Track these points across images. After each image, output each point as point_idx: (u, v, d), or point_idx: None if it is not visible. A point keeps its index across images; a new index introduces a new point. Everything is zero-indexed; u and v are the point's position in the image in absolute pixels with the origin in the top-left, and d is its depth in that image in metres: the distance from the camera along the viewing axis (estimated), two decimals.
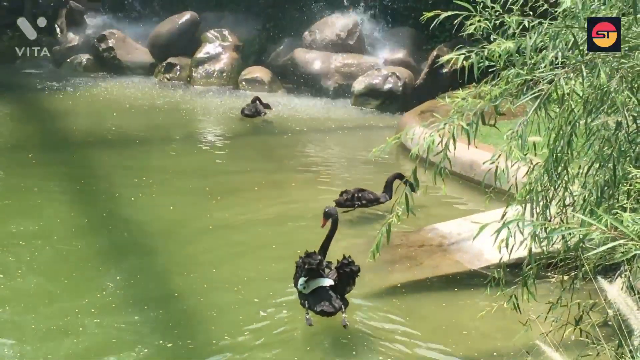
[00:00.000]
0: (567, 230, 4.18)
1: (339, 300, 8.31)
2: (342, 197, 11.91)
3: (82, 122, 17.49)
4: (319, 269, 8.36)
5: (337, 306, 8.25)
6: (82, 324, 8.37)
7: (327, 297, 8.28)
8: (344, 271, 8.41)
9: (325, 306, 8.23)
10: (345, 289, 8.48)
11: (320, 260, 8.39)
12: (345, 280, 8.43)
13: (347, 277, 8.44)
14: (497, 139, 10.31)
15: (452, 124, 4.97)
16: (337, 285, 8.39)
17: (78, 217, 11.46)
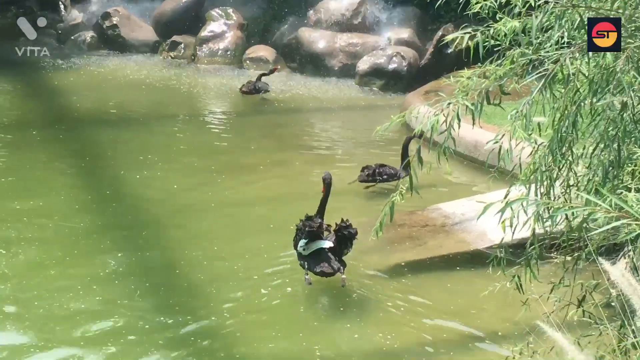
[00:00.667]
0: (571, 209, 4.18)
1: (337, 262, 8.63)
2: (363, 173, 12.05)
3: (86, 100, 17.47)
4: (319, 231, 8.68)
5: (335, 267, 8.59)
6: (83, 300, 8.40)
7: (326, 259, 8.62)
8: (342, 234, 8.73)
9: (325, 267, 8.58)
10: (343, 251, 8.80)
11: (320, 223, 8.70)
12: (343, 243, 8.76)
13: (345, 239, 8.76)
14: (501, 119, 10.29)
15: (457, 104, 4.96)
16: (336, 247, 8.72)
17: (81, 194, 11.47)
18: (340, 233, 8.77)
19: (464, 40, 5.25)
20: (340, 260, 8.73)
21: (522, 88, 5.31)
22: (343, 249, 8.82)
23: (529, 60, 5.06)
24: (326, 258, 8.65)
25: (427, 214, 10.33)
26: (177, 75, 20.18)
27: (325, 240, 8.71)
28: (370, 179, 11.99)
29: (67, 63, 20.75)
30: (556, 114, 5.25)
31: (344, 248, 8.82)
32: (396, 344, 7.89)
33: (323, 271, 8.60)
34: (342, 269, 8.68)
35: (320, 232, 8.71)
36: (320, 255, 8.68)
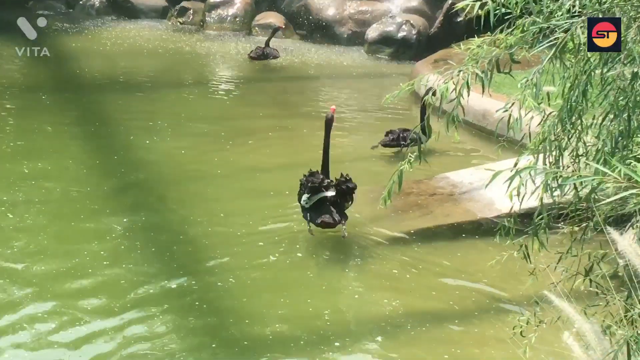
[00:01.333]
0: (580, 179, 4.17)
1: (338, 214, 9.12)
2: (387, 137, 12.17)
3: (95, 65, 17.47)
4: (321, 186, 9.13)
5: (337, 219, 9.09)
6: (90, 265, 8.42)
7: (327, 211, 9.11)
8: (341, 188, 9.17)
9: (326, 218, 9.06)
10: (344, 204, 9.25)
11: (322, 178, 9.18)
12: (343, 196, 9.21)
13: (344, 193, 9.20)
14: (510, 88, 10.27)
15: (467, 72, 4.93)
16: (337, 200, 9.16)
17: (89, 158, 11.50)
18: (339, 187, 9.17)
19: (475, 9, 5.21)
20: (341, 213, 9.18)
21: (532, 57, 5.28)
22: (344, 202, 9.24)
23: (540, 29, 5.03)
24: (327, 210, 9.11)
25: (435, 183, 10.33)
26: (185, 42, 20.15)
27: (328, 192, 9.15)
28: (394, 143, 12.07)
29: (75, 28, 20.72)
30: (566, 84, 5.22)
31: (344, 201, 9.24)
32: (402, 310, 7.92)
33: (324, 221, 9.05)
34: (343, 221, 9.13)
35: (322, 187, 9.13)
36: (322, 208, 9.12)
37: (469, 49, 5.13)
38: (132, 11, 22.24)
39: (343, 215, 9.22)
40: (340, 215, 9.17)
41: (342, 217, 9.18)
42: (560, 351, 4.52)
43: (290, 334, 7.49)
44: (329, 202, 9.15)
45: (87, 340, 7.15)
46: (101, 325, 7.37)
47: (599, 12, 4.70)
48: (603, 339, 3.99)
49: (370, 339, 7.49)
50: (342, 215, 9.19)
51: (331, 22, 20.48)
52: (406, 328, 7.65)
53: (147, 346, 7.12)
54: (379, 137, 12.33)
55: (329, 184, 9.19)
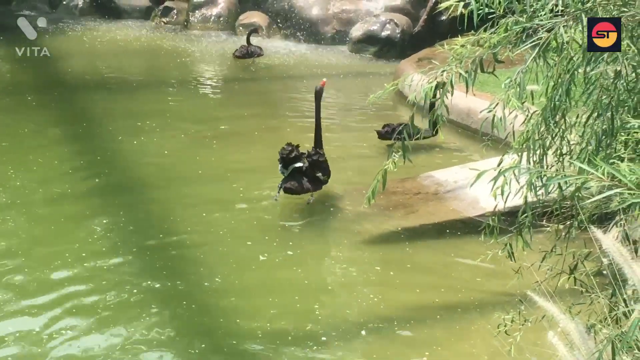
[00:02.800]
0: (564, 178, 4.18)
1: (307, 184, 10.03)
2: (383, 129, 12.25)
3: (80, 65, 17.42)
4: (289, 156, 10.03)
5: (305, 187, 10.03)
6: (72, 266, 8.41)
7: (297, 179, 10.04)
8: (311, 159, 10.08)
9: (291, 184, 10.00)
10: (316, 175, 10.11)
11: (290, 149, 10.07)
12: (315, 167, 10.13)
13: (315, 165, 10.10)
14: (494, 87, 10.30)
15: (450, 72, 4.94)
16: (307, 170, 10.04)
17: (74, 158, 11.48)
18: (310, 159, 10.11)
19: (458, 8, 5.22)
20: (314, 183, 10.10)
21: (516, 56, 5.29)
22: (316, 172, 10.11)
23: (523, 29, 5.03)
24: (297, 179, 10.04)
25: (419, 182, 10.35)
26: (170, 41, 20.10)
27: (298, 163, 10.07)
28: (389, 135, 12.11)
29: (59, 28, 20.65)
30: (550, 83, 5.23)
31: (317, 172, 10.12)
32: (387, 307, 7.96)
33: (287, 187, 10.00)
34: (312, 189, 10.08)
35: (290, 157, 10.05)
36: (294, 177, 10.05)
37: (453, 49, 5.14)
38: (116, 11, 22.17)
39: (315, 185, 10.12)
40: (312, 184, 10.06)
41: (314, 187, 10.09)
42: (545, 350, 4.53)
43: (279, 332, 7.52)
44: (301, 173, 10.04)
45: (72, 342, 7.14)
46: (86, 327, 7.36)
47: (581, 12, 4.71)
48: (587, 339, 4.00)
49: (357, 335, 7.53)
50: (314, 185, 10.09)
51: (315, 21, 20.47)
52: (391, 325, 7.68)
53: (134, 347, 7.11)
54: (364, 136, 12.36)
55: (298, 156, 10.09)
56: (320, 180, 10.21)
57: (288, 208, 10.00)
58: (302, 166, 10.07)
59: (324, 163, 10.26)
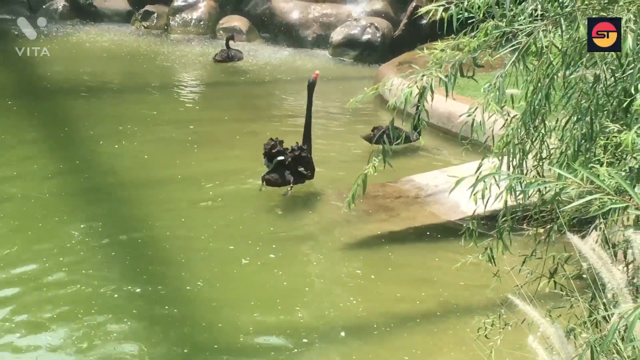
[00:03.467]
0: (543, 183, 4.19)
1: (290, 176, 10.51)
2: (372, 133, 12.30)
3: (60, 70, 17.36)
4: (272, 150, 10.57)
5: (286, 179, 10.51)
6: (50, 271, 8.37)
7: (279, 172, 10.56)
8: (294, 154, 10.55)
9: (271, 176, 10.55)
10: (298, 169, 10.58)
11: (273, 144, 10.63)
12: (297, 162, 10.58)
13: (297, 159, 10.58)
14: (475, 91, 10.32)
15: (430, 76, 4.94)
16: (290, 164, 10.50)
17: (54, 163, 11.45)
18: (292, 154, 10.55)
19: (438, 12, 5.23)
20: (295, 176, 10.55)
21: (496, 60, 5.30)
22: (298, 167, 10.56)
23: (503, 33, 5.04)
24: (279, 171, 10.55)
25: (400, 186, 10.36)
26: (150, 45, 20.06)
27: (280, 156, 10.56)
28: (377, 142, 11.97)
29: (39, 32, 20.55)
30: (529, 87, 5.24)
31: (299, 166, 10.57)
32: (367, 310, 7.98)
33: (267, 178, 10.54)
34: (291, 182, 10.51)
35: (272, 151, 10.57)
36: (277, 170, 10.55)
37: (432, 53, 5.14)
38: (96, 15, 22.10)
39: (297, 178, 10.58)
40: (294, 177, 10.54)
41: (295, 180, 10.55)
42: (524, 354, 4.54)
43: (261, 334, 7.54)
44: (284, 166, 10.53)
45: (53, 348, 7.12)
46: (67, 333, 7.34)
47: (560, 17, 4.73)
48: (567, 343, 4.01)
49: (336, 337, 7.57)
50: (295, 178, 10.56)
51: (296, 25, 20.47)
52: (371, 327, 7.71)
53: (116, 353, 7.09)
54: (344, 139, 12.38)
55: (281, 150, 10.59)
56: (302, 174, 10.66)
57: (270, 212, 10.00)
58: (285, 160, 10.51)
59: (307, 158, 10.70)
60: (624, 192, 3.74)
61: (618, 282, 3.67)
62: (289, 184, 10.51)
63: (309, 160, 10.74)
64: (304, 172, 10.66)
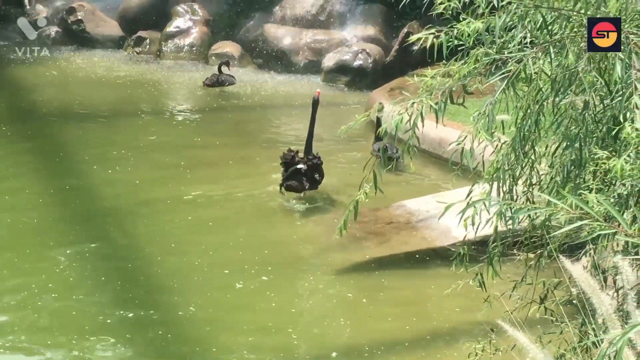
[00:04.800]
0: (533, 210, 4.22)
1: (305, 182, 11.31)
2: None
3: (52, 95, 17.38)
4: (292, 161, 11.31)
5: (304, 186, 11.31)
6: (39, 298, 8.35)
7: (297, 179, 11.32)
8: (311, 163, 11.42)
9: (291, 182, 11.32)
10: (314, 176, 11.44)
11: (293, 155, 11.42)
12: (313, 170, 11.45)
13: (313, 167, 11.45)
14: (465, 117, 10.34)
15: (421, 103, 4.98)
16: (307, 172, 11.32)
17: (46, 189, 11.46)
18: (309, 162, 11.40)
19: (429, 40, 5.27)
20: (311, 183, 11.38)
21: (486, 87, 5.34)
22: (314, 174, 11.41)
23: (493, 60, 5.08)
24: (297, 178, 11.32)
25: (392, 211, 10.38)
26: (142, 71, 20.08)
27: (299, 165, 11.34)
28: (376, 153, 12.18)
29: (31, 58, 20.60)
30: (519, 113, 5.28)
31: (315, 173, 11.43)
32: (359, 334, 8.00)
33: (288, 184, 11.34)
34: (308, 188, 11.35)
35: (292, 162, 11.31)
36: (295, 176, 11.31)
37: (423, 80, 5.18)
38: (89, 41, 22.11)
39: (312, 184, 11.41)
40: (310, 183, 11.34)
41: (311, 186, 11.38)
42: None
43: (256, 358, 7.52)
44: (300, 173, 11.28)
45: None
46: (59, 359, 7.31)
47: (550, 44, 4.77)
48: None
49: None
50: (311, 184, 11.37)
51: (288, 51, 20.52)
52: (362, 350, 7.75)
53: None
54: (335, 165, 12.44)
55: (298, 159, 11.37)
56: (316, 180, 11.51)
57: (264, 236, 10.03)
58: (302, 168, 11.32)
59: (320, 167, 11.58)
60: (613, 219, 3.77)
61: (607, 308, 3.70)
62: (305, 188, 11.35)
63: (321, 168, 11.63)
64: (317, 179, 11.51)
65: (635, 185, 4.46)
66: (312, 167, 11.47)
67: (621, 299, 4.19)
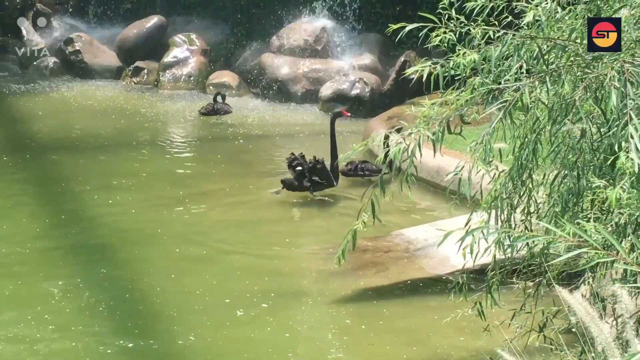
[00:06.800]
0: (531, 238, 4.23)
1: (307, 183, 12.39)
2: (346, 167, 13.39)
3: (50, 126, 17.40)
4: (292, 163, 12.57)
5: (304, 185, 12.39)
6: (37, 331, 8.28)
7: (298, 179, 12.45)
8: (313, 166, 12.42)
9: (287, 179, 12.52)
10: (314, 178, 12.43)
11: (293, 158, 12.64)
12: (313, 172, 12.43)
13: (313, 169, 12.43)
14: (463, 145, 10.37)
15: (418, 133, 5.00)
16: (307, 174, 12.38)
17: (42, 219, 11.46)
18: (307, 165, 12.39)
19: (425, 73, 5.30)
20: (313, 185, 12.42)
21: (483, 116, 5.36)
22: (312, 176, 12.38)
23: (489, 90, 5.11)
24: (299, 179, 12.43)
25: (390, 240, 10.38)
26: (140, 101, 20.13)
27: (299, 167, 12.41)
28: (351, 173, 13.30)
29: (29, 89, 20.66)
30: (516, 142, 5.31)
31: (313, 175, 12.38)
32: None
33: (283, 180, 12.53)
34: (311, 189, 12.42)
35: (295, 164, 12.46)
36: (297, 177, 12.42)
37: (420, 111, 5.20)
38: (86, 71, 22.19)
39: (315, 186, 12.44)
40: (312, 185, 12.39)
41: (314, 187, 12.43)
42: None
43: None
44: (304, 175, 12.37)
45: None
46: None
47: (546, 74, 4.80)
48: None
49: None
50: (314, 185, 12.42)
51: (285, 80, 20.56)
52: None
53: None
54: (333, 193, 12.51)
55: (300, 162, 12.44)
56: (319, 182, 12.49)
57: (264, 266, 10.02)
58: (301, 169, 12.36)
59: (320, 170, 12.47)
60: (611, 247, 3.79)
61: (606, 336, 3.70)
62: (307, 190, 12.41)
63: (322, 171, 12.49)
64: (319, 181, 12.43)
65: (633, 214, 4.48)
66: (311, 170, 12.43)
67: (620, 327, 4.20)
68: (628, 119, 4.22)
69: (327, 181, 12.63)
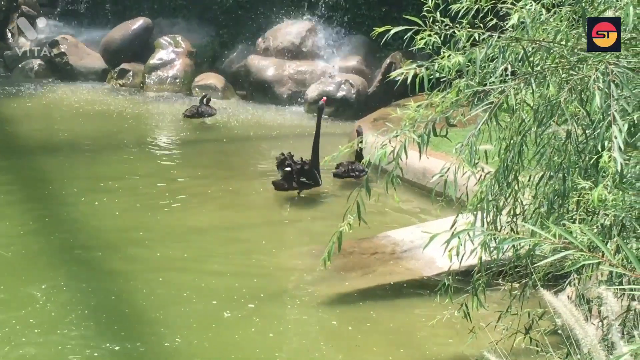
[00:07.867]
0: (517, 240, 4.23)
1: (296, 183, 12.71)
2: (339, 170, 13.81)
3: (35, 129, 17.38)
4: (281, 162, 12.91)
5: (292, 185, 12.73)
6: (22, 334, 8.24)
7: (286, 179, 12.79)
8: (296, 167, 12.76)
9: (278, 180, 12.83)
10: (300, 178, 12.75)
11: (282, 158, 12.92)
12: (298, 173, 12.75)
13: (298, 171, 12.76)
14: (449, 147, 10.37)
15: (404, 136, 4.99)
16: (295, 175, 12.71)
17: (27, 221, 11.45)
18: (296, 166, 12.75)
19: (409, 75, 5.29)
20: (300, 185, 12.76)
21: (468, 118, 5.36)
22: (300, 177, 12.73)
23: (475, 92, 5.11)
24: (288, 179, 12.79)
25: (376, 242, 10.37)
26: (126, 103, 20.11)
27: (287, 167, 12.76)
28: (345, 175, 13.69)
29: (14, 91, 20.61)
30: (502, 144, 5.31)
31: (301, 177, 12.73)
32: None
33: (274, 182, 12.82)
34: (300, 189, 12.77)
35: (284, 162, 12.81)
36: (286, 178, 12.79)
37: (406, 113, 5.19)
38: (72, 74, 22.17)
39: (302, 186, 12.78)
40: (298, 185, 12.74)
41: (301, 187, 12.78)
42: None
43: None
44: (292, 175, 12.70)
45: None
46: None
47: (531, 76, 4.80)
48: None
49: None
50: (300, 185, 12.76)
51: (271, 82, 20.57)
52: None
53: None
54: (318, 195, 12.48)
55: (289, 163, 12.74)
56: (306, 183, 12.79)
57: (250, 268, 10.00)
58: (289, 170, 12.69)
59: (308, 171, 12.80)
60: (597, 249, 3.79)
61: (591, 338, 3.70)
62: (295, 189, 12.76)
63: (309, 172, 12.79)
64: (307, 182, 12.74)
65: (618, 215, 4.48)
66: (299, 171, 12.76)
67: (606, 328, 4.20)
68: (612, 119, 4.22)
69: (314, 181, 12.90)
